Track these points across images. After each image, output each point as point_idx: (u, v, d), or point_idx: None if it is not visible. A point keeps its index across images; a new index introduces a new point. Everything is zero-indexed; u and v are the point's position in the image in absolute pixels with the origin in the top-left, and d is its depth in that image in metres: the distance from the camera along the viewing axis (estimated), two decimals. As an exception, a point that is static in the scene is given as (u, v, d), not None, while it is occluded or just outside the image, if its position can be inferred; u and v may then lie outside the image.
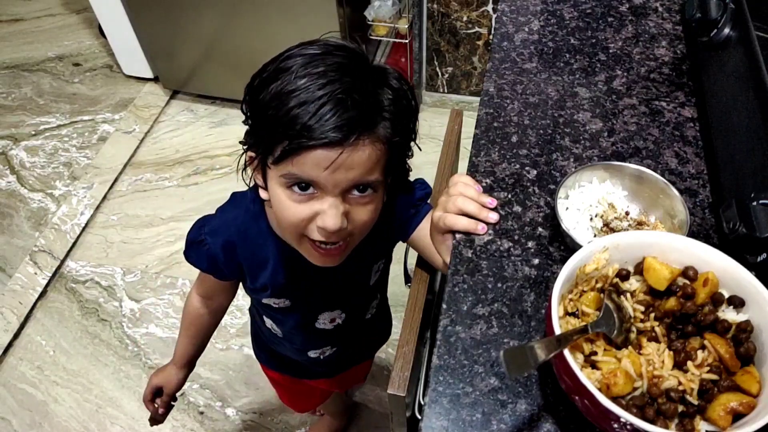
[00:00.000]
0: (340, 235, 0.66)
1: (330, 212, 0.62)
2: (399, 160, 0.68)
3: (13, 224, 2.05)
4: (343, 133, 0.58)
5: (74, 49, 2.70)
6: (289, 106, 0.59)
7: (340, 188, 0.62)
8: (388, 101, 0.63)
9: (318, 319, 0.91)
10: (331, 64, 0.61)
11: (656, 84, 0.89)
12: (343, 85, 0.59)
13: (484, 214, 0.71)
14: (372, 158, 0.62)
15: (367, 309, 0.98)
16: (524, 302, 0.65)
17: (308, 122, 0.58)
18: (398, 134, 0.64)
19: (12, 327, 1.75)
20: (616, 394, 0.50)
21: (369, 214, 0.67)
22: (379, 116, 0.62)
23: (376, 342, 1.17)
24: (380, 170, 0.64)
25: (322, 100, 0.58)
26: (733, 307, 0.55)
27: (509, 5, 1.04)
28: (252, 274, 0.83)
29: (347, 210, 0.64)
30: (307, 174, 0.61)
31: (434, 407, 0.58)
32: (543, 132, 0.83)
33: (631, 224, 0.69)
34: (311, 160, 0.60)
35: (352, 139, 0.59)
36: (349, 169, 0.61)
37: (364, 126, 0.60)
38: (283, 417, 1.58)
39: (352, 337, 1.02)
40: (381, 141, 0.62)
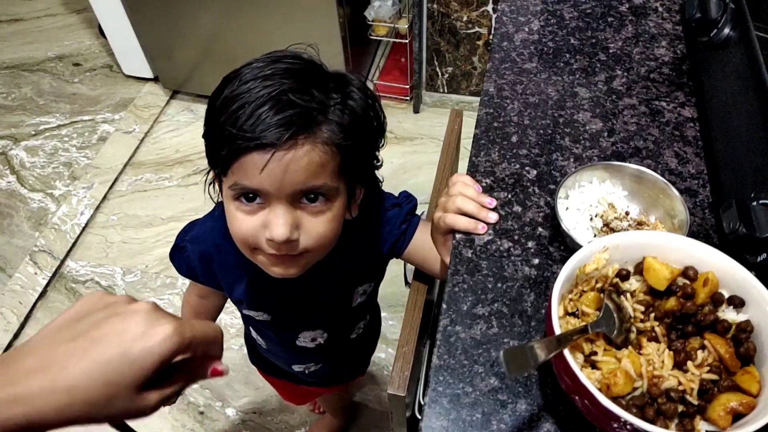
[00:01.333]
0: (291, 248, 0.63)
1: (275, 222, 0.60)
2: (356, 167, 0.65)
3: (13, 224, 2.05)
4: (278, 133, 0.56)
5: (74, 49, 2.70)
6: (230, 110, 0.58)
7: (284, 194, 0.60)
8: (337, 105, 0.61)
9: (299, 336, 0.89)
10: (280, 68, 0.60)
11: (656, 84, 0.89)
12: (284, 86, 0.58)
13: (483, 213, 0.71)
14: (315, 161, 0.59)
15: (351, 330, 0.95)
16: (524, 302, 0.65)
17: (244, 124, 0.57)
18: (349, 140, 0.61)
19: (12, 327, 1.75)
20: (616, 394, 0.50)
21: (323, 225, 0.63)
22: (321, 118, 0.60)
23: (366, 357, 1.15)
24: (329, 176, 0.61)
25: (260, 101, 0.57)
26: (733, 307, 0.55)
27: (509, 5, 1.04)
28: (228, 286, 0.82)
29: (297, 220, 0.62)
30: (249, 181, 0.59)
31: (434, 407, 0.58)
32: (543, 132, 0.83)
33: (631, 224, 0.69)
34: (249, 164, 0.58)
35: (286, 138, 0.56)
36: (290, 173, 0.58)
37: (302, 126, 0.58)
38: (283, 417, 1.58)
39: (337, 356, 1.00)
40: (324, 143, 0.59)
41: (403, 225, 0.80)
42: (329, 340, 0.91)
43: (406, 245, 0.81)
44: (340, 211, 0.66)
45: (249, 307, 0.84)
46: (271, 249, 0.62)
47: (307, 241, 0.63)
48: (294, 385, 1.17)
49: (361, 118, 0.64)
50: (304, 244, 0.63)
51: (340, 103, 0.62)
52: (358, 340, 0.99)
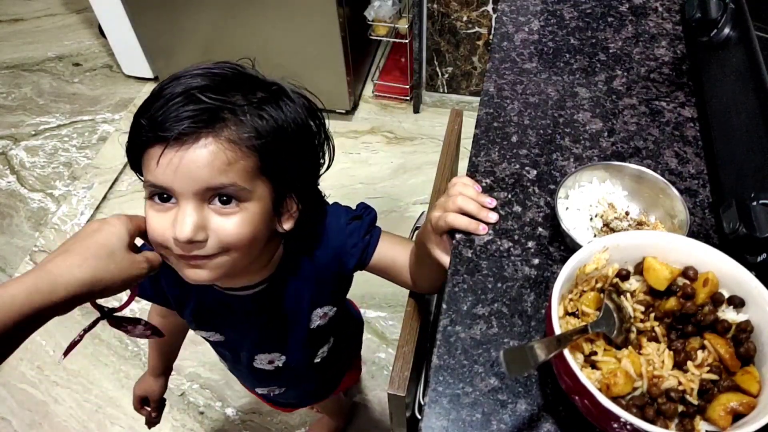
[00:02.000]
0: (198, 248, 0.61)
1: (180, 220, 0.59)
2: (280, 174, 0.64)
3: (13, 224, 2.05)
4: (178, 127, 0.56)
5: (74, 49, 2.70)
6: (146, 105, 0.59)
7: (191, 192, 0.58)
8: (254, 109, 0.60)
9: (254, 358, 0.88)
10: (209, 71, 0.60)
11: (656, 84, 0.89)
12: (199, 84, 0.58)
13: (483, 213, 0.71)
14: (219, 159, 0.58)
15: (313, 354, 0.92)
16: (524, 302, 0.65)
17: (149, 121, 0.58)
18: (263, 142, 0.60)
19: (12, 327, 1.75)
20: (616, 394, 0.50)
21: (234, 227, 0.61)
22: (230, 116, 0.59)
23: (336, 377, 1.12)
24: (239, 176, 0.59)
25: (172, 97, 0.58)
26: (733, 307, 0.55)
27: (509, 5, 1.04)
28: (177, 304, 0.81)
29: (205, 220, 0.60)
30: (154, 177, 0.59)
31: (434, 407, 0.58)
32: (543, 132, 0.83)
33: (631, 224, 0.69)
34: (151, 158, 0.58)
35: (185, 131, 0.56)
36: (194, 169, 0.57)
37: (205, 122, 0.57)
38: (283, 417, 1.58)
39: (301, 380, 0.98)
40: (229, 141, 0.58)
41: (366, 236, 0.79)
42: (288, 364, 0.89)
43: (370, 256, 0.79)
44: (258, 216, 0.63)
45: (199, 327, 0.83)
46: (178, 250, 0.61)
47: (215, 243, 0.61)
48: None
49: (286, 128, 0.63)
50: (212, 246, 0.61)
51: (256, 107, 0.61)
52: (324, 365, 0.96)
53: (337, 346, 0.96)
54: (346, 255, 0.78)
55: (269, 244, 0.70)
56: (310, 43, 2.03)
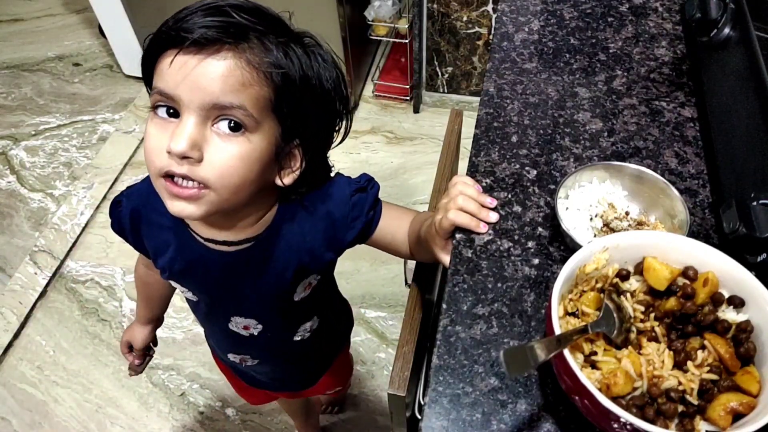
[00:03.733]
0: (189, 167, 0.57)
1: (178, 133, 0.56)
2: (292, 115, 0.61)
3: (13, 224, 2.05)
4: (198, 33, 0.54)
5: (74, 49, 2.70)
6: (170, 17, 0.58)
7: (196, 105, 0.56)
8: (281, 44, 0.59)
9: (231, 320, 0.83)
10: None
11: (656, 84, 0.89)
12: (234, 3, 0.57)
13: (483, 213, 0.71)
14: (234, 76, 0.56)
15: (293, 329, 0.88)
16: (524, 302, 0.65)
17: (175, 21, 0.57)
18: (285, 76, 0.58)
19: (12, 327, 1.75)
20: (616, 394, 0.50)
21: (230, 156, 0.58)
22: (256, 40, 0.57)
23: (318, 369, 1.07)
24: (249, 101, 0.57)
25: (203, 7, 0.57)
26: (733, 307, 0.55)
27: (509, 5, 1.04)
28: (154, 252, 0.77)
29: (204, 139, 0.57)
30: (164, 83, 0.57)
31: (434, 407, 0.58)
32: (543, 132, 0.83)
33: (631, 224, 0.69)
34: (166, 63, 0.56)
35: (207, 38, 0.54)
36: (206, 79, 0.55)
37: (229, 35, 0.55)
38: (283, 417, 1.58)
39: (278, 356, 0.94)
40: (249, 63, 0.56)
41: (370, 212, 0.76)
42: (265, 334, 0.85)
43: (373, 231, 0.78)
44: (258, 153, 0.60)
45: (173, 278, 0.78)
46: (169, 165, 0.58)
47: (207, 170, 0.58)
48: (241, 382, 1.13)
49: (310, 77, 0.62)
50: (204, 173, 0.58)
51: (284, 44, 0.59)
52: (304, 346, 0.91)
53: (320, 329, 0.92)
54: (345, 227, 0.75)
55: (261, 198, 0.67)
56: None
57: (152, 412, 1.60)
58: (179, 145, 0.56)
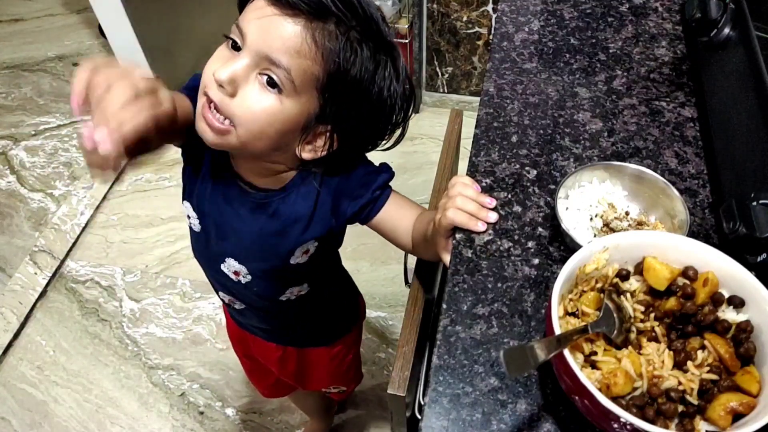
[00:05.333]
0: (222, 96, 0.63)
1: (227, 64, 0.62)
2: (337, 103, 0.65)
3: (13, 224, 2.05)
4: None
5: (74, 49, 2.70)
6: None
7: (255, 50, 0.61)
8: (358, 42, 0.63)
9: (225, 260, 0.85)
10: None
11: (656, 84, 0.89)
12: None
13: (483, 213, 0.71)
14: (294, 41, 0.60)
15: (281, 290, 0.89)
16: (524, 302, 0.65)
17: None
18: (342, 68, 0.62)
19: (12, 327, 1.75)
20: (616, 394, 0.50)
21: (259, 103, 0.63)
22: (334, 23, 0.61)
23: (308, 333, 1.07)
24: (297, 69, 0.62)
25: None
26: (733, 307, 0.55)
27: (509, 5, 1.04)
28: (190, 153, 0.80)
29: (243, 80, 0.62)
30: (244, 19, 0.63)
31: (434, 407, 0.58)
32: (543, 132, 0.83)
33: (631, 224, 0.69)
34: (253, 6, 0.62)
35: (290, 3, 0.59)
36: (272, 31, 0.61)
37: (310, 6, 0.60)
38: (283, 417, 1.58)
39: (261, 308, 0.95)
40: (313, 38, 0.61)
41: (377, 191, 0.78)
42: (252, 286, 0.87)
43: (375, 213, 0.79)
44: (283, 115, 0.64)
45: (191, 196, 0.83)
46: (209, 88, 0.63)
47: (235, 108, 0.63)
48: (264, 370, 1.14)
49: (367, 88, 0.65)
50: (231, 109, 0.63)
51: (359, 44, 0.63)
52: (289, 308, 0.93)
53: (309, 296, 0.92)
54: (349, 199, 0.77)
55: (283, 156, 0.71)
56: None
57: (152, 412, 1.60)
58: (221, 74, 0.61)
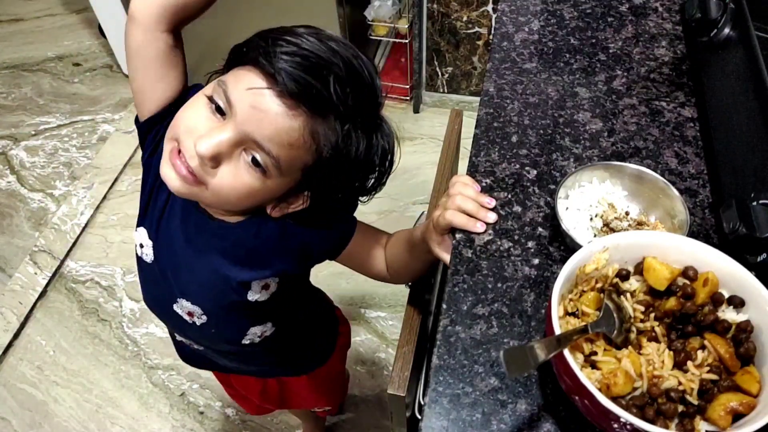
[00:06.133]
0: (197, 167, 0.59)
1: (209, 136, 0.57)
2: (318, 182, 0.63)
3: (13, 224, 2.05)
4: (287, 83, 0.54)
5: (74, 49, 2.70)
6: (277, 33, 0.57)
7: (242, 129, 0.57)
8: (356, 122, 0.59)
9: (177, 300, 0.78)
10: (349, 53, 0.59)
11: (656, 84, 0.89)
12: (338, 73, 0.56)
13: (482, 213, 0.71)
14: (290, 135, 0.57)
15: (241, 332, 0.81)
16: (524, 302, 0.65)
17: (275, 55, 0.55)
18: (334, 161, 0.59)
19: (12, 327, 1.75)
20: (616, 394, 0.50)
21: (238, 183, 0.60)
22: (333, 117, 0.58)
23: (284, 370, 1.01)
24: (287, 158, 0.59)
25: (308, 58, 0.55)
26: (733, 307, 0.55)
27: (509, 5, 1.04)
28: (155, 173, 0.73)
29: (226, 156, 0.58)
30: (235, 91, 0.57)
31: (434, 407, 0.58)
32: (543, 132, 0.83)
33: (631, 224, 0.69)
34: (246, 78, 0.57)
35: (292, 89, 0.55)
36: (267, 121, 0.56)
37: (314, 105, 0.56)
38: (283, 417, 1.58)
39: (224, 351, 0.89)
40: (311, 133, 0.57)
41: (342, 225, 0.77)
42: (209, 328, 0.80)
43: (343, 248, 0.78)
44: (265, 192, 0.62)
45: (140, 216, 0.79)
46: (186, 150, 0.59)
47: (214, 180, 0.60)
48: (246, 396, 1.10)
49: (355, 159, 0.62)
50: (209, 179, 0.60)
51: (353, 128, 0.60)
52: (253, 351, 0.85)
53: (274, 338, 0.86)
54: (317, 239, 0.74)
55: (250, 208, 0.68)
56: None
57: (152, 412, 1.60)
58: (204, 148, 0.57)
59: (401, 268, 0.80)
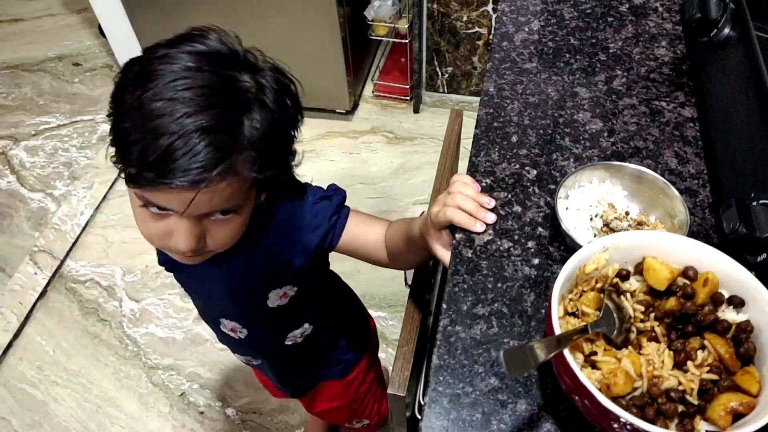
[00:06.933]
0: (196, 254, 0.64)
1: (182, 235, 0.61)
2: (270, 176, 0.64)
3: (13, 224, 2.05)
4: (198, 177, 0.55)
5: (74, 49, 2.70)
6: (148, 128, 0.55)
7: (192, 218, 0.61)
8: (255, 133, 0.59)
9: (220, 322, 0.88)
10: (201, 86, 0.56)
11: (656, 84, 0.89)
12: (202, 122, 0.54)
13: (481, 213, 0.71)
14: (229, 190, 0.59)
15: (281, 335, 0.90)
16: (524, 302, 0.65)
17: (162, 160, 0.54)
18: (261, 168, 0.60)
19: (12, 327, 1.75)
20: (616, 394, 0.50)
21: (230, 232, 0.65)
22: (238, 148, 0.58)
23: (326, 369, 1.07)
24: (240, 195, 0.62)
25: (181, 136, 0.54)
26: (733, 307, 0.55)
27: (509, 5, 1.04)
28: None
29: (204, 230, 0.62)
30: (162, 203, 0.59)
31: (434, 407, 0.58)
32: (543, 132, 0.83)
33: (631, 224, 0.69)
34: (164, 195, 0.58)
35: (206, 180, 0.55)
36: (205, 202, 0.59)
37: (222, 168, 0.56)
38: (283, 417, 1.58)
39: (274, 358, 0.96)
40: (236, 176, 0.59)
41: (333, 217, 0.78)
42: (252, 338, 0.89)
43: (338, 237, 0.79)
44: (248, 214, 0.67)
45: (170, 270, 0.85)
46: (172, 254, 0.66)
47: (214, 245, 0.65)
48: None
49: (275, 136, 0.62)
50: (211, 247, 0.65)
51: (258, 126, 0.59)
52: (300, 350, 0.94)
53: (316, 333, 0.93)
54: (308, 233, 0.77)
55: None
56: (310, 43, 2.03)
57: (152, 412, 1.60)
58: (186, 246, 0.61)
59: (399, 258, 0.81)
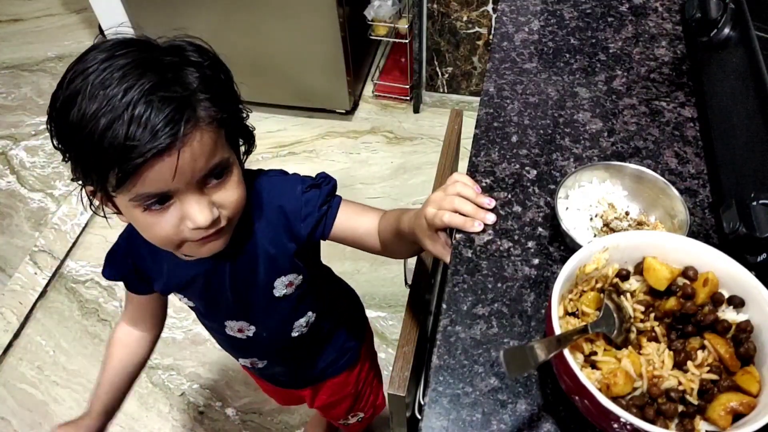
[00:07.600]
0: (216, 225, 0.64)
1: (194, 211, 0.61)
2: (236, 127, 0.67)
3: (13, 224, 2.05)
4: (169, 135, 0.55)
5: (74, 49, 2.70)
6: (100, 129, 0.54)
7: (193, 184, 0.61)
8: (196, 79, 0.60)
9: (225, 325, 0.87)
10: (123, 65, 0.56)
11: (656, 84, 0.89)
12: (144, 86, 0.55)
13: (481, 215, 0.70)
14: (208, 142, 0.59)
15: (288, 327, 0.90)
16: (524, 302, 0.65)
17: (127, 140, 0.54)
18: (220, 106, 0.61)
19: (12, 327, 1.75)
20: (616, 394, 0.50)
21: (234, 191, 0.65)
22: (194, 99, 0.58)
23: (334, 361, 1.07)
24: (222, 148, 0.63)
25: (129, 111, 0.54)
26: (733, 307, 0.55)
27: (509, 5, 1.04)
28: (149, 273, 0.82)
29: (211, 199, 0.63)
30: (156, 187, 0.58)
31: (434, 407, 0.58)
32: (543, 132, 0.83)
33: (631, 224, 0.69)
34: (153, 174, 0.57)
35: (180, 136, 0.56)
36: (195, 163, 0.59)
37: (186, 117, 0.57)
38: (283, 417, 1.58)
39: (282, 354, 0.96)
40: (207, 121, 0.59)
41: (323, 206, 0.78)
42: (260, 334, 0.88)
43: (330, 226, 0.79)
44: (240, 173, 0.67)
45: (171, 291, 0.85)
46: (198, 236, 0.64)
47: (228, 212, 0.65)
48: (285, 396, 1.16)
49: (218, 80, 0.64)
50: (226, 216, 0.65)
51: (198, 76, 0.60)
52: (305, 341, 0.94)
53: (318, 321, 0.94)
54: (299, 221, 0.77)
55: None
56: (310, 43, 2.03)
57: (152, 412, 1.60)
58: (205, 219, 0.62)
59: (390, 249, 0.81)
